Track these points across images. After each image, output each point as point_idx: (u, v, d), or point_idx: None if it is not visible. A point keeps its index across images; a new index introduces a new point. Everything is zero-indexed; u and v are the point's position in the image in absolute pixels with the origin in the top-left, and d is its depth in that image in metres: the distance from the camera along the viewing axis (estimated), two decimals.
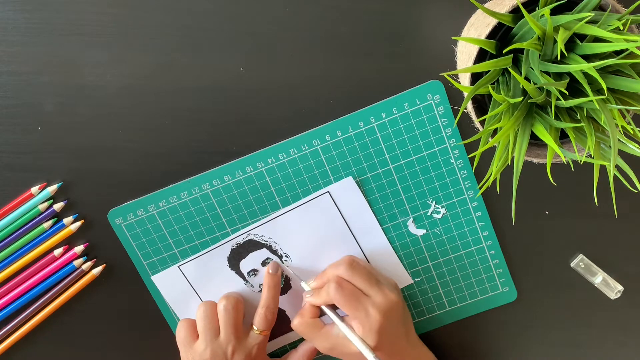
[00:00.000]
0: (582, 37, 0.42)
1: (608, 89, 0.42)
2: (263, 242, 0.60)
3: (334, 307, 0.57)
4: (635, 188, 0.55)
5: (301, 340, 0.63)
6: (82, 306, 0.62)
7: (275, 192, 0.59)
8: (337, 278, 0.55)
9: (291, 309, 0.62)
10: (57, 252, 0.60)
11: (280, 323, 0.62)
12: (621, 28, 0.40)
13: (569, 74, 0.42)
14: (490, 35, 0.45)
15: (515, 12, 0.43)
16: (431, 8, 0.55)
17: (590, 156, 0.44)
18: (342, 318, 0.55)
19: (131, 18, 0.56)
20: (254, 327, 0.57)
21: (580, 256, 0.61)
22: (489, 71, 0.43)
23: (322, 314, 0.58)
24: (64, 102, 0.57)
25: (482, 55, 0.46)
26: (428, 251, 0.60)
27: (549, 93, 0.42)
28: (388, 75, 0.56)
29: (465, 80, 0.47)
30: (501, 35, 0.46)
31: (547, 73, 0.42)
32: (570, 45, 0.42)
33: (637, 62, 0.40)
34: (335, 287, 0.54)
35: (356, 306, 0.53)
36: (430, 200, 0.59)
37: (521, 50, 0.44)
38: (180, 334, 0.58)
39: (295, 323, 0.57)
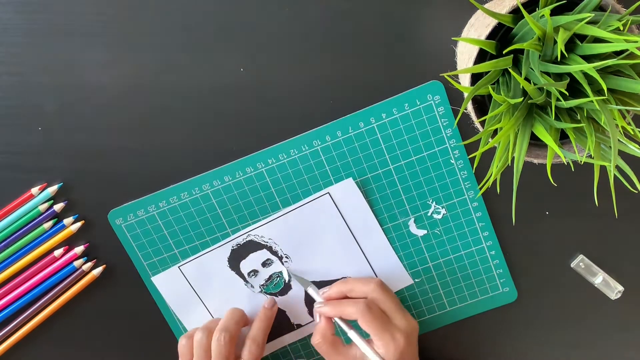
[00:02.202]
0: (582, 38, 0.42)
1: (608, 89, 0.42)
2: (263, 242, 0.60)
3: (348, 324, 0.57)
4: (636, 188, 0.55)
5: (301, 340, 0.63)
6: (82, 307, 0.62)
7: (275, 192, 0.59)
8: (367, 300, 0.55)
9: (291, 309, 0.62)
10: (57, 252, 0.60)
11: (282, 324, 0.62)
12: (621, 28, 0.40)
13: (569, 74, 0.42)
14: (491, 36, 0.45)
15: (515, 12, 0.43)
16: (431, 8, 0.55)
17: (590, 157, 0.44)
18: (364, 339, 0.56)
19: (131, 18, 0.56)
20: None
21: (581, 256, 0.61)
22: (489, 72, 0.43)
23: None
24: (64, 103, 0.57)
25: (482, 56, 0.46)
26: (428, 251, 0.60)
27: (549, 93, 0.42)
28: (388, 76, 0.56)
29: (465, 80, 0.47)
30: (501, 35, 0.46)
31: (547, 73, 0.42)
32: (571, 45, 0.42)
33: (637, 62, 0.40)
34: (366, 309, 0.54)
35: (383, 329, 0.54)
36: (431, 200, 0.59)
37: (521, 51, 0.44)
38: (183, 349, 0.58)
39: (317, 342, 0.57)
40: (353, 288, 0.57)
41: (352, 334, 0.56)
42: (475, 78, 0.46)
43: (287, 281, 0.61)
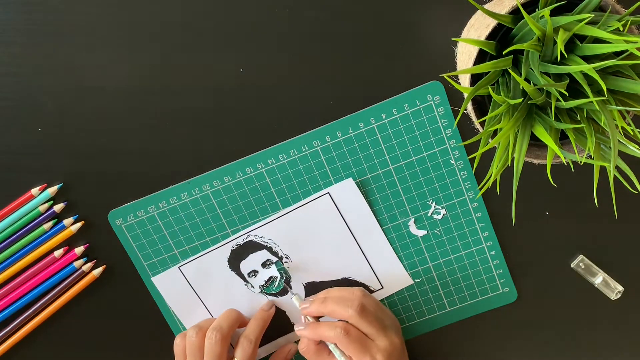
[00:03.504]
0: (582, 38, 0.42)
1: (608, 89, 0.42)
2: (263, 243, 0.60)
3: None
4: (635, 189, 0.55)
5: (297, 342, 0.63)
6: (82, 307, 0.62)
7: (275, 193, 0.59)
8: (345, 325, 0.54)
9: (291, 310, 0.62)
10: (57, 253, 0.60)
11: (281, 325, 0.62)
12: (621, 29, 0.40)
13: (569, 75, 0.42)
14: (490, 36, 0.45)
15: (515, 13, 0.43)
16: (431, 9, 0.55)
17: (590, 157, 0.44)
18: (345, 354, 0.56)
19: (131, 18, 0.56)
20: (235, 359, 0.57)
21: (581, 257, 0.61)
22: (488, 72, 0.43)
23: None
24: (64, 103, 0.57)
25: (482, 56, 0.46)
26: (428, 252, 0.60)
27: (549, 94, 0.42)
28: (388, 76, 0.56)
29: (465, 81, 0.47)
30: (501, 36, 0.46)
31: (547, 74, 0.42)
32: (570, 46, 0.42)
33: (637, 63, 0.40)
34: (344, 334, 0.54)
35: (363, 352, 0.54)
36: (431, 201, 0.59)
37: (521, 51, 0.44)
38: (177, 349, 0.58)
39: (302, 349, 0.57)
40: (333, 311, 0.56)
41: (332, 347, 0.56)
42: (475, 78, 0.46)
43: (287, 282, 0.61)
